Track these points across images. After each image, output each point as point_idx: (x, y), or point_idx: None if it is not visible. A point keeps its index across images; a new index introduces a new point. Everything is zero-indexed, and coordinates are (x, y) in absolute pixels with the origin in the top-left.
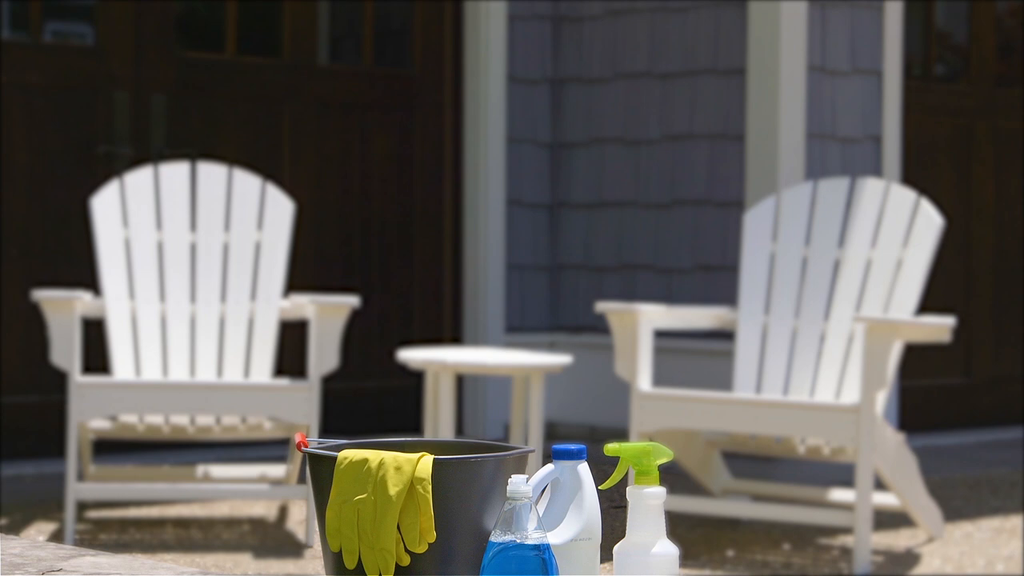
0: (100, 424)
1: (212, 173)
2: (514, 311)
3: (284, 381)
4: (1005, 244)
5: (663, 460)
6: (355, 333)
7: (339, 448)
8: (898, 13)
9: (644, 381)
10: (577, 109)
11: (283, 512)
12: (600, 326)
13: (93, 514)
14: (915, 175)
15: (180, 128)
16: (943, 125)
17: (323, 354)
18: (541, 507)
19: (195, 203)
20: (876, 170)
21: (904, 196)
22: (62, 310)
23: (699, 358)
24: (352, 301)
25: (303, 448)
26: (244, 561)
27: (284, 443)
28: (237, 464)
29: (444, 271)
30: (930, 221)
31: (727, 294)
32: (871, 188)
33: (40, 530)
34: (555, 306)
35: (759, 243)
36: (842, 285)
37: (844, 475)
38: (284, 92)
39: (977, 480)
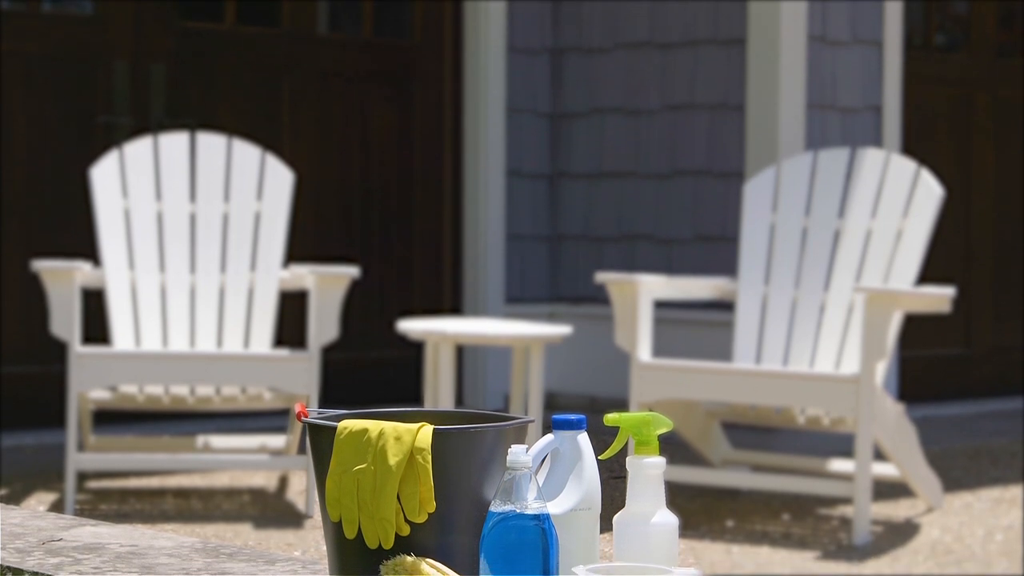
0: (100, 394)
1: (211, 143)
2: (514, 282)
3: (284, 352)
4: (1005, 214)
5: (663, 430)
6: (355, 304)
7: (339, 418)
8: None
9: (644, 351)
10: (577, 79)
11: (283, 482)
12: (600, 296)
13: (93, 484)
14: (915, 145)
15: (179, 98)
16: (943, 95)
17: (323, 324)
18: (541, 477)
19: (194, 173)
20: (876, 140)
21: (904, 166)
22: (61, 280)
23: (699, 329)
24: (352, 272)
25: (303, 418)
26: (244, 531)
27: (284, 414)
28: (237, 435)
29: (444, 242)
30: (930, 191)
31: (727, 265)
32: (871, 158)
33: (40, 500)
34: (555, 277)
35: (759, 213)
36: (842, 255)
37: (844, 445)
38: (284, 62)
39: (977, 450)
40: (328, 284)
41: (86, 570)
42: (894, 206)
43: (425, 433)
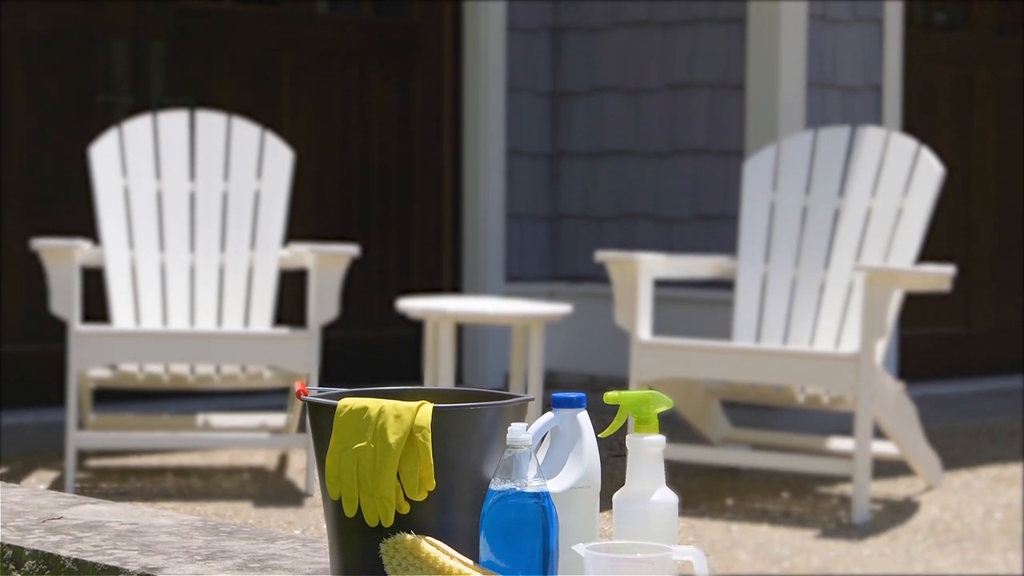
0: (100, 373)
1: (211, 122)
2: (514, 261)
3: (284, 330)
4: (1005, 193)
5: (662, 408)
6: (355, 282)
7: (339, 396)
8: None
9: (644, 330)
10: (577, 58)
11: (283, 461)
12: (600, 275)
13: (93, 463)
14: (916, 124)
15: (179, 77)
16: (944, 74)
17: (323, 303)
18: (541, 455)
19: (194, 152)
20: (876, 119)
21: (904, 145)
22: (61, 259)
23: (699, 307)
24: (351, 250)
25: (303, 397)
26: (244, 510)
27: (284, 392)
28: (237, 413)
29: (444, 220)
30: (930, 170)
31: (727, 243)
32: (871, 137)
33: (41, 479)
34: (555, 256)
35: (759, 192)
36: (842, 234)
37: (843, 424)
38: (283, 41)
39: (976, 429)
40: (328, 263)
41: (86, 548)
42: (894, 184)
43: (425, 411)
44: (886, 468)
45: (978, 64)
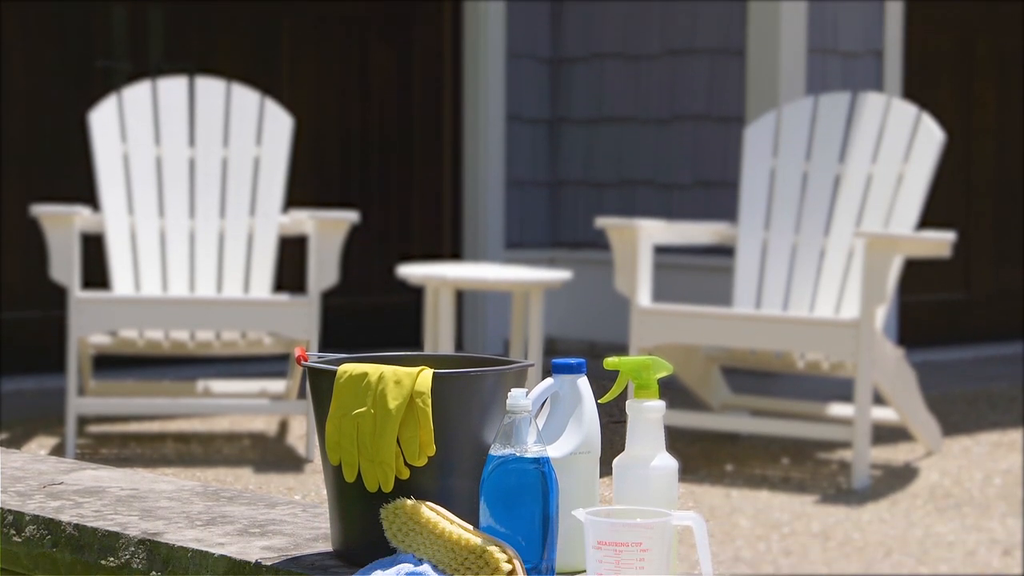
0: (100, 339)
1: (210, 88)
2: (514, 227)
3: (284, 296)
4: (1006, 159)
5: (662, 374)
6: (354, 248)
7: (339, 362)
8: None
9: (644, 296)
10: (577, 24)
11: (283, 427)
12: (600, 242)
13: (94, 429)
14: (916, 90)
15: (178, 42)
16: (945, 39)
17: (323, 269)
18: (541, 421)
19: (193, 118)
20: (877, 85)
21: (905, 111)
22: (61, 225)
23: (699, 274)
24: (351, 216)
25: (303, 362)
26: (245, 475)
27: (284, 358)
28: (237, 379)
29: (444, 187)
30: (931, 136)
31: (727, 210)
32: (872, 103)
33: (41, 444)
34: (555, 222)
35: (759, 158)
36: (842, 200)
37: (843, 390)
38: (283, 6)
39: (976, 395)
40: (328, 229)
41: (87, 513)
42: (895, 151)
43: (425, 377)
44: (886, 434)
45: (979, 30)
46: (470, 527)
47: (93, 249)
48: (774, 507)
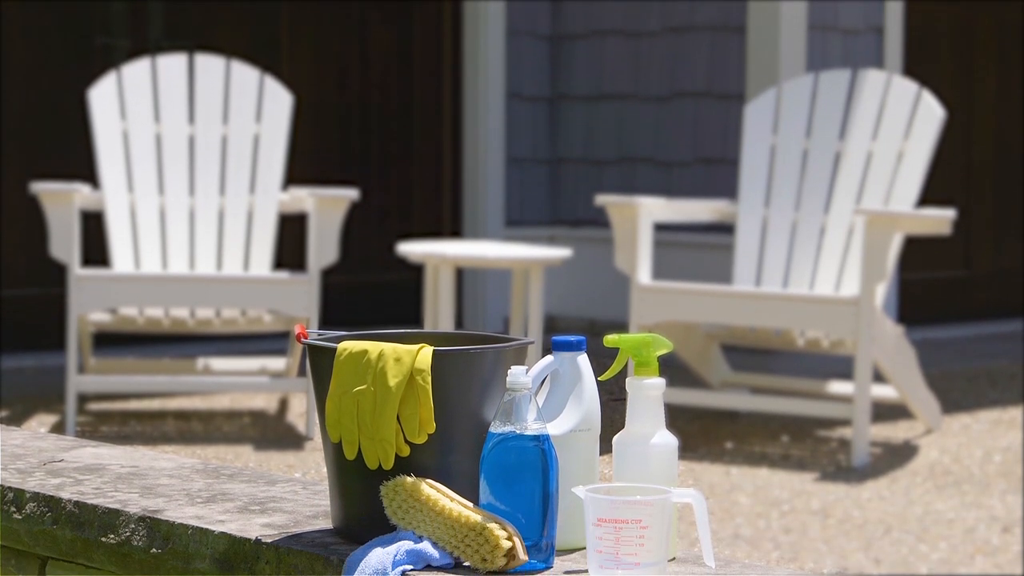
0: (100, 317)
1: (210, 65)
2: (514, 204)
3: (284, 274)
4: (1006, 136)
5: (662, 351)
6: (354, 226)
7: (339, 340)
8: None
9: (644, 274)
10: (577, 0)
11: (283, 404)
12: (600, 219)
13: (94, 406)
14: (916, 66)
15: (177, 19)
16: (945, 16)
17: (323, 247)
18: (540, 398)
19: (193, 95)
20: (878, 62)
21: (905, 88)
22: (61, 202)
23: (699, 251)
24: (351, 194)
25: (303, 340)
26: (245, 453)
27: (284, 336)
28: (237, 357)
29: (443, 164)
30: (931, 113)
31: (727, 187)
32: (872, 80)
33: (41, 422)
34: (555, 200)
35: (760, 136)
36: (843, 178)
37: (843, 368)
38: None
39: (976, 372)
40: (328, 206)
41: (87, 491)
42: (895, 128)
43: (425, 354)
44: (885, 411)
45: (980, 6)
46: (470, 504)
47: (93, 227)
48: (774, 484)
